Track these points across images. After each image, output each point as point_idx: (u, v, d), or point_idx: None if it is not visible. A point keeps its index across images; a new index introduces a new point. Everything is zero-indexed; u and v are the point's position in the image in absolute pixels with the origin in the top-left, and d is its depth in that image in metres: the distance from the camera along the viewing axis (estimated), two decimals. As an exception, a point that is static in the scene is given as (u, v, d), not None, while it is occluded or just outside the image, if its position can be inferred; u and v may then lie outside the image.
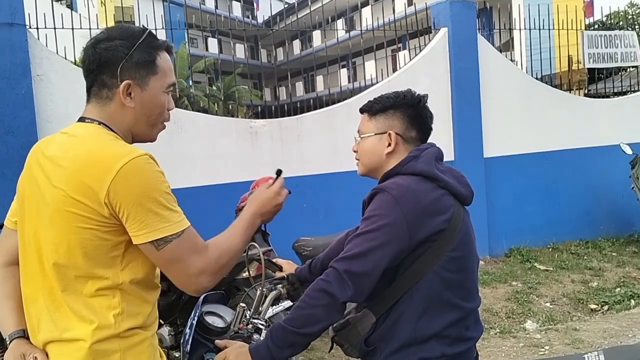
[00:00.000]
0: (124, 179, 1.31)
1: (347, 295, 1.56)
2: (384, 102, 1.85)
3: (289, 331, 1.56)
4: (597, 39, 7.76)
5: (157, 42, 1.49)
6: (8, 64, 4.82)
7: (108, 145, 1.38)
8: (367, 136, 1.84)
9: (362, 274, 1.57)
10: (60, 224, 1.35)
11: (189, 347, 1.97)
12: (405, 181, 1.69)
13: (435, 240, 1.63)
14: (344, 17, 24.88)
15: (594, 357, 1.67)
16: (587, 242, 7.14)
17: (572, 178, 7.25)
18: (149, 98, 1.47)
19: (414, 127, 1.83)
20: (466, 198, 1.77)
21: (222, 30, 7.30)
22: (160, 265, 1.40)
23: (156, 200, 1.33)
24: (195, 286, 1.42)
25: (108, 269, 1.37)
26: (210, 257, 1.42)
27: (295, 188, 5.33)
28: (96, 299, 1.37)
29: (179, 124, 5.39)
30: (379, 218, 1.62)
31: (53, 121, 4.98)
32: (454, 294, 1.67)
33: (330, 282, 1.57)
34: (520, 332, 4.71)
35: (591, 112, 7.48)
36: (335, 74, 14.06)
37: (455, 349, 1.67)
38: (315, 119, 6.07)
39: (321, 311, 1.56)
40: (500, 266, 6.42)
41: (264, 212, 1.61)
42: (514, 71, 7.20)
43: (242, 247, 1.54)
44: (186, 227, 1.39)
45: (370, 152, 1.83)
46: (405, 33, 7.47)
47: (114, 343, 1.37)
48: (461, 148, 6.56)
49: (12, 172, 4.69)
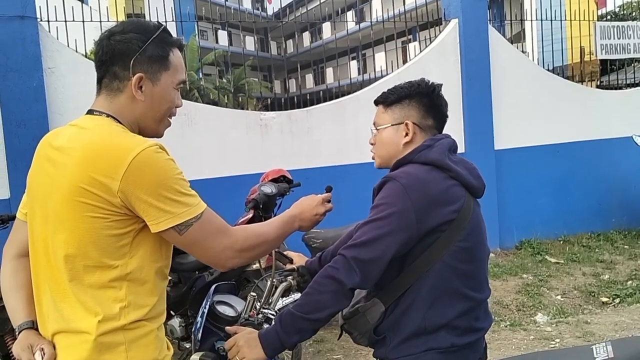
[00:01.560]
0: (137, 170, 1.32)
1: (354, 282, 1.58)
2: (398, 92, 1.85)
3: (297, 317, 1.57)
4: (609, 30, 7.68)
5: (171, 39, 1.51)
6: (20, 57, 4.86)
7: (119, 137, 1.39)
8: (383, 127, 1.84)
9: (369, 261, 1.58)
10: (70, 214, 1.36)
11: (200, 335, 1.99)
12: (415, 170, 1.69)
13: (444, 230, 1.63)
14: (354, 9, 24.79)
15: (602, 348, 1.67)
16: (598, 235, 7.09)
17: (584, 170, 7.20)
18: (160, 93, 1.48)
19: (430, 115, 1.83)
20: (477, 190, 1.77)
21: (232, 22, 7.29)
22: (185, 248, 1.43)
23: (172, 188, 1.36)
24: (222, 261, 1.46)
25: (117, 259, 1.38)
26: (236, 235, 1.46)
27: (305, 180, 5.37)
28: (103, 291, 1.38)
29: (189, 116, 5.40)
30: (387, 206, 1.62)
31: (64, 113, 5.01)
32: (463, 284, 1.67)
33: (338, 268, 1.59)
34: (530, 324, 4.70)
35: (603, 104, 7.41)
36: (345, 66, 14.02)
37: (464, 339, 1.68)
38: (325, 111, 6.06)
39: (329, 297, 1.58)
40: (510, 259, 6.40)
41: (303, 217, 1.70)
42: (526, 63, 7.14)
43: (273, 237, 1.59)
44: (204, 209, 1.42)
45: (388, 144, 1.83)
46: (416, 24, 7.44)
47: (119, 335, 1.38)
48: (472, 140, 6.53)
49: (25, 164, 4.69)
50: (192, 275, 3.80)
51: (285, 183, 4.56)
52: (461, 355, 1.68)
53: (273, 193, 4.36)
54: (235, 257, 1.46)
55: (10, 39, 4.82)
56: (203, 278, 3.76)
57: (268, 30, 28.04)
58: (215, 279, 3.70)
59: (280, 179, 4.62)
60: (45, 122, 4.93)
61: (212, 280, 3.71)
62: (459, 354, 1.67)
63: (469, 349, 1.70)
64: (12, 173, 4.82)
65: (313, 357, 4.22)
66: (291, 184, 4.58)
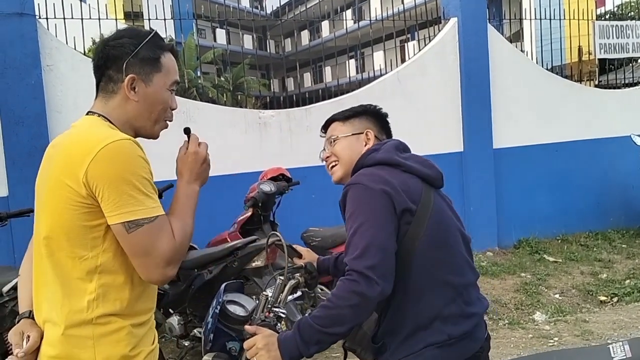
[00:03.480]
0: (102, 159, 1.36)
1: (377, 291, 1.56)
2: (354, 109, 1.99)
3: (316, 330, 1.57)
4: (608, 29, 7.68)
5: (162, 43, 1.59)
6: (18, 54, 4.84)
7: (95, 131, 1.45)
8: (344, 136, 1.93)
9: (380, 264, 1.58)
10: (51, 206, 1.42)
11: (212, 335, 1.99)
12: (369, 170, 1.76)
13: (410, 222, 1.67)
14: (353, 7, 24.80)
15: (619, 347, 1.67)
16: (596, 234, 7.10)
17: (582, 169, 7.20)
18: (152, 93, 1.55)
19: (383, 132, 1.98)
20: (434, 179, 1.82)
21: (230, 20, 7.28)
22: (128, 251, 1.40)
23: (132, 183, 1.37)
24: (162, 277, 1.44)
25: (89, 250, 1.41)
26: (175, 245, 1.44)
27: (304, 179, 5.36)
28: (75, 282, 1.41)
29: (187, 114, 5.40)
30: (361, 209, 1.65)
31: (63, 111, 5.00)
32: (443, 272, 1.70)
33: (357, 281, 1.56)
34: (529, 323, 4.71)
35: (602, 104, 7.41)
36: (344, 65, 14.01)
37: (460, 328, 1.68)
38: (324, 110, 6.04)
39: (350, 312, 1.56)
40: (509, 257, 6.40)
41: (195, 175, 1.59)
42: (524, 62, 7.14)
43: (193, 224, 1.53)
44: (160, 214, 1.42)
45: (349, 151, 1.91)
46: (415, 23, 7.43)
47: (86, 329, 1.41)
48: (470, 139, 6.53)
49: (23, 161, 4.72)
50: (191, 273, 3.80)
51: (284, 181, 4.57)
52: (460, 347, 1.69)
53: (272, 191, 4.37)
54: (174, 271, 1.45)
55: (8, 36, 4.81)
56: (202, 276, 3.76)
57: (267, 29, 28.01)
58: (214, 277, 3.70)
59: (279, 177, 4.62)
60: (44, 120, 4.92)
61: (211, 279, 3.71)
62: (457, 346, 1.68)
63: (467, 339, 1.70)
64: (10, 171, 4.80)
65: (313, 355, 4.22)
66: (290, 182, 4.58)
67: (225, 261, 3.69)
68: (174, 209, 1.52)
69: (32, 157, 4.66)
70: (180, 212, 1.52)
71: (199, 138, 1.66)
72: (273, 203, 4.47)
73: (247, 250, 3.68)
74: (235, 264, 3.68)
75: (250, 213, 4.41)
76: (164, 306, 3.90)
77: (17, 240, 4.63)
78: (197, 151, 1.61)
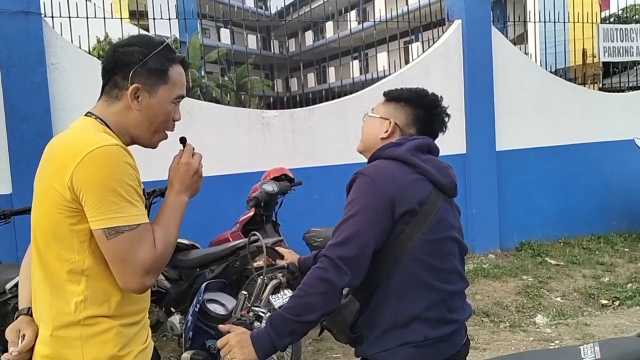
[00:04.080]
0: (88, 164, 1.35)
1: (345, 281, 1.60)
2: (400, 92, 1.93)
3: (287, 319, 1.59)
4: (612, 32, 7.67)
5: (172, 55, 1.57)
6: (23, 53, 4.87)
7: (86, 134, 1.44)
8: (373, 116, 1.94)
9: (354, 257, 1.61)
10: (41, 208, 1.44)
11: (191, 333, 2.01)
12: (382, 163, 1.77)
13: (408, 222, 1.68)
14: (357, 8, 24.79)
15: (590, 348, 1.68)
16: (599, 237, 7.09)
17: (585, 172, 7.19)
18: (155, 105, 1.54)
19: (415, 126, 1.90)
20: (447, 188, 1.81)
21: (235, 20, 7.29)
22: (108, 258, 1.40)
23: (115, 190, 1.36)
24: (140, 286, 1.42)
25: (75, 254, 1.41)
26: (156, 255, 1.42)
27: (306, 179, 5.37)
28: (63, 284, 1.42)
29: (191, 114, 5.41)
30: (359, 200, 1.68)
31: (67, 109, 5.02)
32: (431, 277, 1.71)
33: (326, 269, 1.60)
34: (530, 326, 4.71)
35: (605, 106, 7.41)
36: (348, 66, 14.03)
37: (438, 331, 1.70)
38: (328, 111, 6.06)
39: (319, 299, 1.59)
40: (511, 260, 6.40)
41: (186, 186, 1.57)
42: (528, 64, 7.14)
43: (177, 234, 1.52)
44: (142, 222, 1.40)
45: (368, 132, 1.94)
46: (419, 25, 7.43)
47: (74, 330, 1.41)
48: (473, 141, 6.53)
49: (27, 159, 4.74)
50: (193, 272, 3.81)
51: (287, 181, 4.57)
52: (436, 348, 1.71)
53: (275, 191, 4.37)
54: (153, 281, 1.45)
55: (14, 34, 4.83)
56: (204, 275, 3.77)
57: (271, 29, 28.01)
58: (216, 277, 3.71)
59: (281, 177, 4.63)
60: (48, 118, 4.94)
61: (213, 278, 3.72)
62: (434, 347, 1.70)
63: (444, 341, 1.72)
64: (15, 168, 4.83)
65: (312, 355, 4.23)
66: (293, 183, 4.59)
67: (227, 260, 3.70)
68: (160, 218, 1.51)
69: (36, 154, 4.63)
70: (166, 221, 1.50)
71: (196, 145, 1.63)
72: (275, 203, 4.48)
73: (250, 249, 3.68)
74: (237, 263, 3.68)
75: (253, 213, 4.42)
76: (165, 305, 3.91)
77: (20, 238, 4.65)
78: (190, 162, 1.58)
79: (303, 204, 5.24)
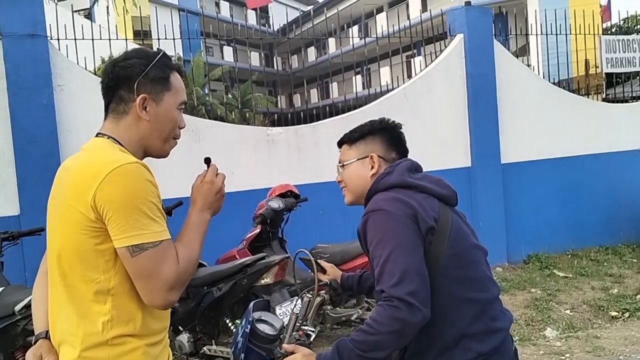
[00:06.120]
0: (109, 183, 1.36)
1: (419, 317, 1.57)
2: (361, 129, 1.95)
3: (356, 354, 1.58)
4: (614, 43, 7.70)
5: (170, 63, 1.60)
6: (30, 75, 4.92)
7: (104, 154, 1.45)
8: (349, 162, 1.94)
9: (420, 289, 1.58)
10: (63, 230, 1.44)
11: (243, 355, 1.99)
12: (384, 195, 1.76)
13: (431, 242, 1.67)
14: (359, 24, 24.93)
15: None
16: (607, 249, 7.06)
17: (591, 184, 7.18)
18: (164, 112, 1.56)
19: (392, 149, 1.93)
20: (449, 198, 1.83)
21: (238, 38, 7.35)
22: (132, 275, 1.41)
23: (138, 207, 1.37)
24: (164, 302, 1.43)
25: (101, 273, 1.41)
26: (179, 270, 1.43)
27: (312, 195, 5.37)
28: (89, 304, 1.42)
29: (196, 132, 5.45)
30: (387, 236, 1.65)
31: (74, 130, 5.06)
32: (465, 289, 1.70)
33: (399, 308, 1.56)
34: (540, 339, 4.67)
35: (609, 117, 7.41)
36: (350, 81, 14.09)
37: (488, 344, 1.68)
38: (331, 126, 6.09)
39: (390, 337, 1.57)
40: (518, 273, 6.37)
41: (209, 204, 1.59)
42: (531, 76, 7.16)
43: (200, 251, 1.53)
44: (165, 239, 1.41)
45: (355, 177, 1.92)
46: (421, 39, 7.48)
47: (102, 351, 1.42)
48: (478, 154, 6.54)
49: (35, 180, 4.77)
50: (200, 290, 3.81)
51: (293, 198, 4.58)
52: None
53: (280, 208, 4.39)
54: (177, 296, 1.45)
55: (21, 57, 4.89)
56: (211, 294, 3.77)
57: (274, 46, 28.22)
58: (223, 295, 3.71)
59: (287, 193, 4.65)
60: (55, 139, 4.97)
61: (220, 296, 3.71)
62: None
63: (497, 354, 1.70)
64: (22, 189, 4.85)
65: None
66: (298, 199, 4.60)
67: (235, 278, 3.70)
68: (183, 235, 1.52)
69: (44, 176, 4.69)
70: (189, 238, 1.52)
71: (217, 168, 1.65)
72: (281, 220, 4.49)
73: (257, 267, 3.69)
74: (244, 281, 3.68)
75: (259, 230, 4.43)
76: (173, 323, 3.90)
77: (28, 259, 4.66)
78: (214, 181, 1.61)
79: (309, 220, 5.24)
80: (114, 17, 9.83)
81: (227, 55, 26.48)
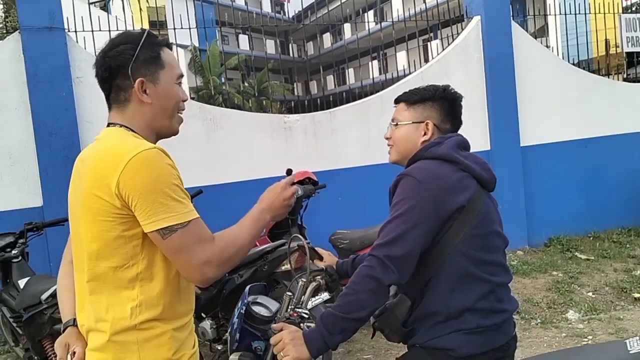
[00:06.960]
0: (132, 170, 1.39)
1: (392, 279, 1.64)
2: (422, 93, 1.93)
3: (339, 317, 1.62)
4: (635, 22, 7.55)
5: (157, 40, 1.61)
6: (49, 68, 4.98)
7: (123, 141, 1.48)
8: (404, 124, 1.93)
9: (402, 257, 1.64)
10: (88, 220, 1.46)
11: (238, 335, 2.05)
12: (426, 164, 1.78)
13: (456, 218, 1.70)
14: (375, 8, 24.76)
15: (636, 342, 1.68)
16: (629, 230, 6.97)
17: (613, 165, 7.08)
18: (163, 91, 1.57)
19: (448, 120, 1.93)
20: (488, 182, 1.85)
21: (253, 26, 7.34)
22: (167, 255, 1.45)
23: (162, 191, 1.40)
24: (201, 276, 1.46)
25: (129, 259, 1.45)
26: (215, 248, 1.46)
27: (330, 182, 5.37)
28: (118, 290, 1.46)
29: (214, 121, 5.47)
30: (406, 201, 1.69)
31: (93, 122, 5.12)
32: (479, 269, 1.74)
33: (373, 267, 1.64)
34: (562, 322, 4.65)
35: (630, 97, 7.28)
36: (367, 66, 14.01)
37: (490, 320, 1.73)
38: (348, 112, 6.08)
39: (368, 296, 1.63)
40: (540, 256, 6.33)
41: (273, 207, 1.66)
42: (550, 57, 7.06)
43: (249, 242, 1.56)
44: (193, 218, 1.44)
45: (406, 140, 1.92)
46: (437, 22, 7.40)
47: (131, 335, 1.45)
48: (497, 137, 6.48)
49: (56, 171, 4.84)
50: (222, 277, 3.85)
51: (311, 185, 4.59)
52: (488, 336, 1.73)
53: (299, 195, 4.38)
54: (215, 272, 1.48)
55: (39, 50, 4.95)
56: (233, 280, 3.81)
57: (289, 33, 28.13)
58: (245, 281, 3.74)
59: (305, 180, 4.65)
60: (75, 131, 5.04)
61: (242, 283, 3.75)
62: (485, 335, 1.72)
63: (495, 330, 1.75)
64: (45, 181, 4.93)
65: (343, 357, 4.24)
66: (317, 186, 4.60)
67: (256, 265, 3.73)
68: (239, 222, 1.59)
69: (65, 167, 4.75)
70: (241, 224, 1.58)
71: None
72: (300, 207, 4.50)
73: (277, 253, 3.71)
74: (265, 267, 3.71)
75: (278, 217, 4.45)
76: (196, 310, 3.93)
77: (52, 249, 4.75)
78: (286, 188, 1.68)
79: (328, 206, 5.25)
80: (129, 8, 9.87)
81: (242, 44, 26.44)
